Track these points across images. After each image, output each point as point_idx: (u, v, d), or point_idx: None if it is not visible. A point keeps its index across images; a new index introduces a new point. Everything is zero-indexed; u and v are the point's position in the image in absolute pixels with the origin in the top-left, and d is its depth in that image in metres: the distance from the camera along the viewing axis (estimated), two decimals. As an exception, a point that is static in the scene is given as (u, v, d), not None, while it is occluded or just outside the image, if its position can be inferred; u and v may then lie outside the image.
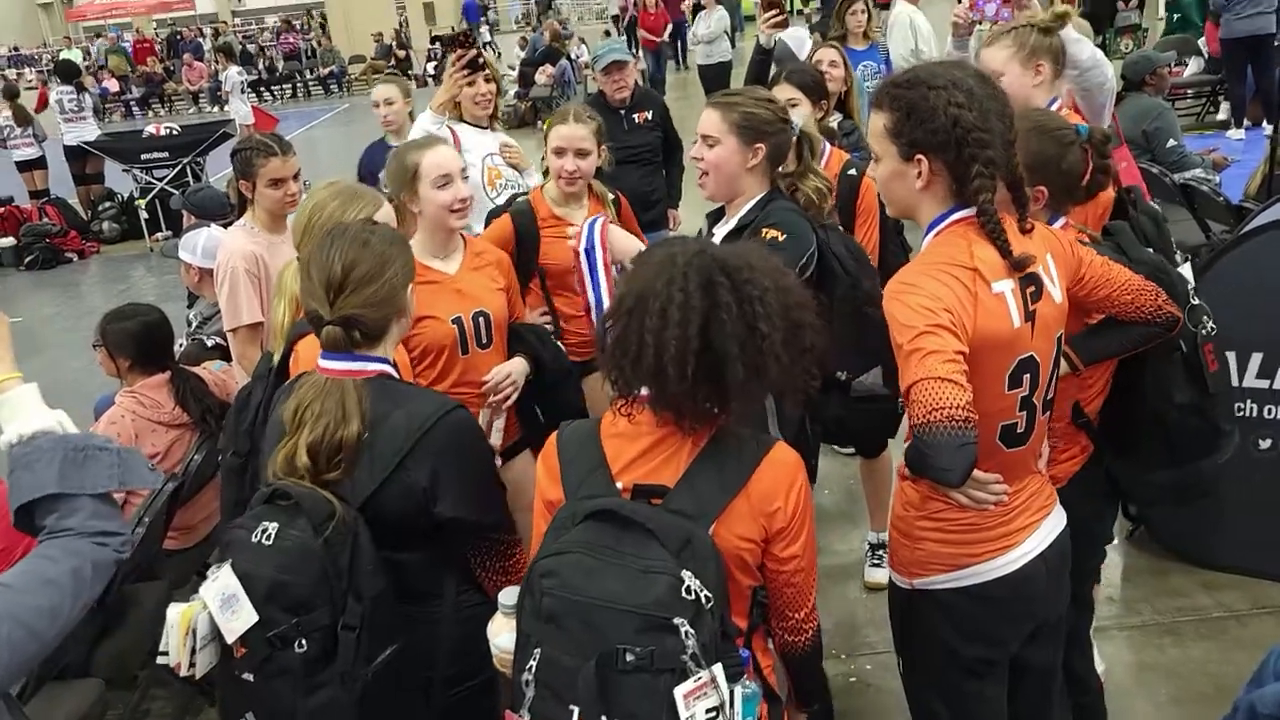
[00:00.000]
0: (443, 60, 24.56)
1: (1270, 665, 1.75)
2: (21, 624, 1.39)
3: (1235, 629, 3.38)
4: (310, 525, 1.81)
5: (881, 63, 6.12)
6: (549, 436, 1.81)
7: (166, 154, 10.90)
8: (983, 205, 1.82)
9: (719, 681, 1.52)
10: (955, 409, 1.64)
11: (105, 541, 1.50)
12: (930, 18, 6.81)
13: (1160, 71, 5.89)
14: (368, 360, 1.97)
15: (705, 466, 1.66)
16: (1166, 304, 2.17)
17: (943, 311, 1.75)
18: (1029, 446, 1.98)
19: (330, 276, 1.91)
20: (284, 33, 28.14)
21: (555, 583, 1.57)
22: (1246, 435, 3.45)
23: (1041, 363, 1.91)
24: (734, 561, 1.65)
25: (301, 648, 1.80)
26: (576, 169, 3.21)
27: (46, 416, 1.55)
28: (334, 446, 1.88)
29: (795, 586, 1.75)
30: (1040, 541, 2.00)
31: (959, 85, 1.81)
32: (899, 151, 1.87)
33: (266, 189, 3.45)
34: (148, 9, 32.16)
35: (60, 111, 11.84)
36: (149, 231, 10.76)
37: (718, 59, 12.06)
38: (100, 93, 21.28)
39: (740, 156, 2.54)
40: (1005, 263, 1.83)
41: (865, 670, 3.33)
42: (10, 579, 1.44)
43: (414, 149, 2.81)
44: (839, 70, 4.22)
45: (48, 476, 1.48)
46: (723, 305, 1.59)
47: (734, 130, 2.52)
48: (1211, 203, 5.08)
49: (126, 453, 1.58)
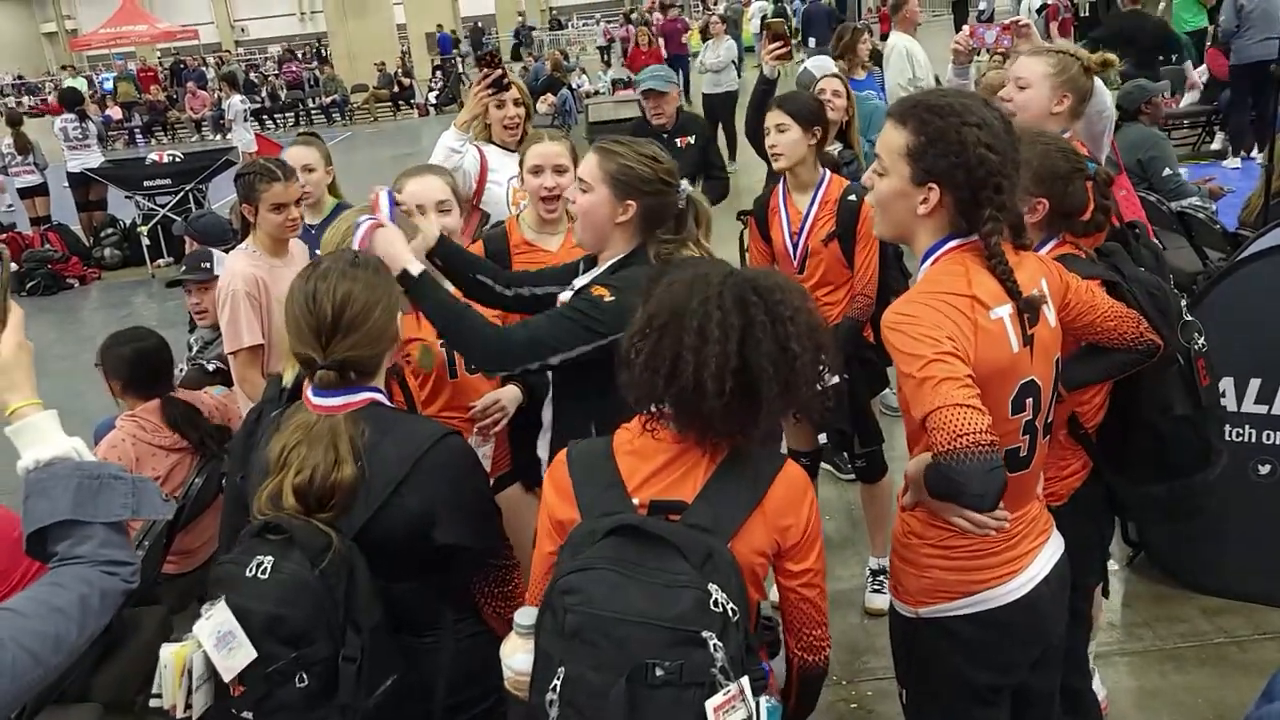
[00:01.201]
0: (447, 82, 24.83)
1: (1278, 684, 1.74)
2: (26, 650, 1.39)
3: (1236, 655, 3.37)
4: (306, 558, 1.78)
5: (879, 92, 6.19)
6: (557, 455, 1.81)
7: (169, 181, 10.93)
8: (993, 247, 1.82)
9: (747, 694, 1.52)
10: (980, 433, 1.64)
11: (115, 571, 1.50)
12: (930, 45, 6.88)
13: (1155, 101, 5.93)
14: (361, 391, 1.95)
15: (722, 482, 1.68)
16: (1147, 331, 2.18)
17: (945, 339, 1.75)
18: (1031, 471, 1.98)
19: (320, 320, 1.89)
20: (286, 62, 28.34)
21: (579, 599, 1.56)
22: (1246, 460, 3.46)
23: (1043, 386, 1.92)
24: (748, 576, 1.66)
25: (302, 682, 1.77)
26: (556, 185, 3.13)
27: (63, 443, 1.55)
28: (325, 490, 1.85)
29: (810, 602, 1.77)
30: (1043, 566, 2.00)
31: (988, 126, 1.79)
32: (912, 174, 1.84)
33: (269, 213, 3.47)
34: (152, 38, 32.22)
35: (64, 139, 11.90)
36: (151, 258, 10.79)
37: (725, 88, 12.15)
38: (104, 120, 21.40)
39: (609, 209, 2.33)
40: (1004, 289, 1.84)
41: (866, 696, 3.31)
42: (17, 604, 1.44)
43: (401, 177, 2.81)
44: (841, 100, 4.26)
45: (63, 503, 1.48)
46: (758, 324, 1.63)
47: (607, 180, 2.32)
48: (1208, 230, 5.11)
49: (140, 482, 1.58)
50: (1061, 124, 2.88)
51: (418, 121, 23.90)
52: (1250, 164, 9.15)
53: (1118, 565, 3.74)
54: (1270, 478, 3.49)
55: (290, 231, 3.55)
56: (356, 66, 25.28)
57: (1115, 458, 2.44)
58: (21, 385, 1.56)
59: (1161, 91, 6.12)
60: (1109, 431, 2.42)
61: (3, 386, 1.55)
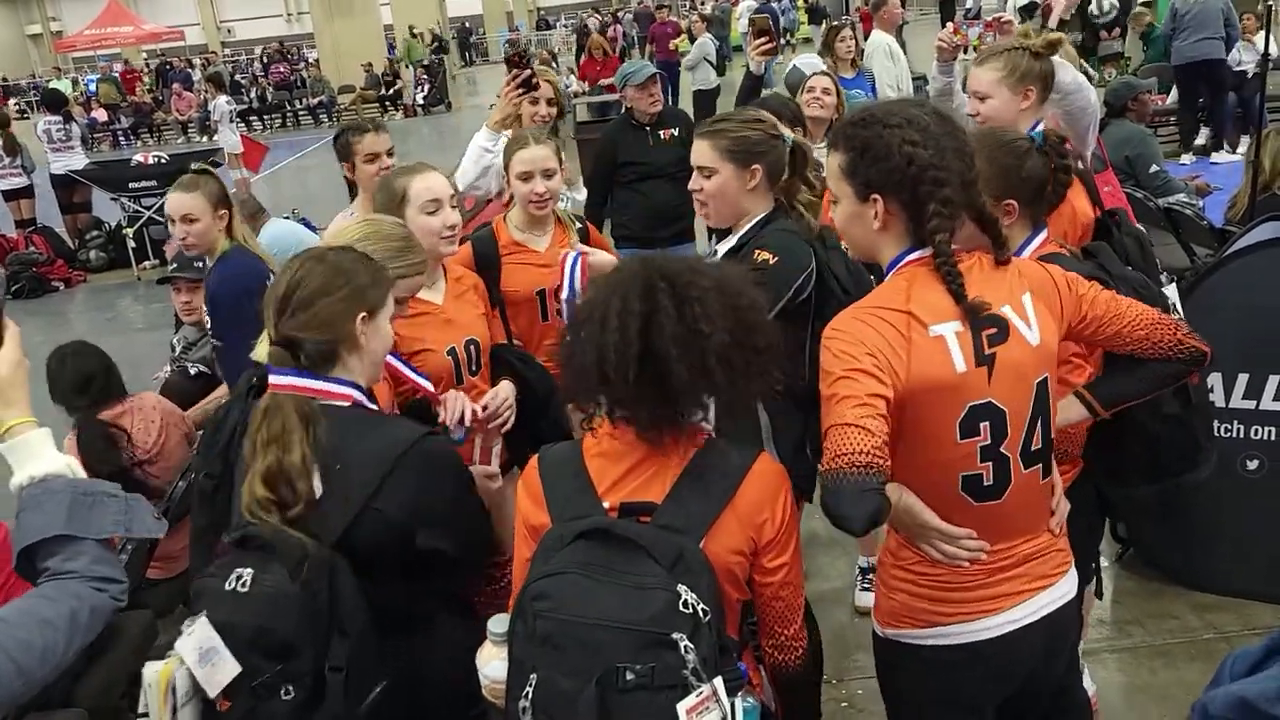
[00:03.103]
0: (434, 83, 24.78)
1: (1227, 668, 1.73)
2: (11, 659, 1.38)
3: (1226, 651, 3.33)
4: (284, 569, 1.75)
5: (869, 90, 6.19)
6: (530, 460, 1.80)
7: (154, 183, 10.85)
8: (939, 246, 1.76)
9: (720, 695, 1.51)
10: (856, 454, 1.58)
11: (105, 588, 1.50)
12: (917, 44, 6.90)
13: (1142, 98, 5.97)
14: (327, 381, 1.90)
15: (692, 481, 1.66)
16: (1188, 337, 1.98)
17: (865, 356, 1.70)
18: (1009, 502, 1.84)
19: (278, 297, 1.89)
20: (275, 62, 28.22)
21: (549, 605, 1.56)
22: (1234, 456, 3.46)
23: (1009, 410, 1.79)
24: (724, 575, 1.64)
25: (288, 694, 1.74)
26: (546, 190, 3.14)
27: (57, 460, 1.55)
28: (284, 476, 1.81)
29: (784, 600, 1.74)
30: (1030, 612, 1.89)
31: (914, 123, 1.76)
32: (855, 192, 1.82)
33: (364, 165, 3.66)
34: (137, 40, 32.11)
35: (48, 141, 11.82)
36: (136, 260, 10.74)
37: (697, 86, 12.21)
38: (89, 123, 21.28)
39: (738, 181, 2.53)
40: (953, 304, 1.76)
41: (856, 695, 3.30)
42: (6, 613, 1.44)
43: (404, 173, 2.78)
44: (831, 97, 4.26)
45: (56, 518, 1.48)
46: (661, 309, 1.61)
47: (726, 156, 2.51)
48: (1195, 227, 5.12)
49: (133, 500, 1.59)
50: (1035, 115, 2.87)
51: (405, 122, 23.84)
52: (1203, 161, 9.53)
53: (1107, 562, 3.74)
54: (1258, 473, 3.49)
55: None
56: (343, 67, 25.21)
57: (1106, 460, 2.40)
58: (17, 402, 1.57)
59: (1149, 88, 6.15)
60: (1100, 434, 2.37)
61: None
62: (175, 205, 3.45)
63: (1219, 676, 1.54)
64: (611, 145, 5.09)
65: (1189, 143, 10.04)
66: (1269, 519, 3.48)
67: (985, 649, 1.87)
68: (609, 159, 5.10)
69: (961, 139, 1.80)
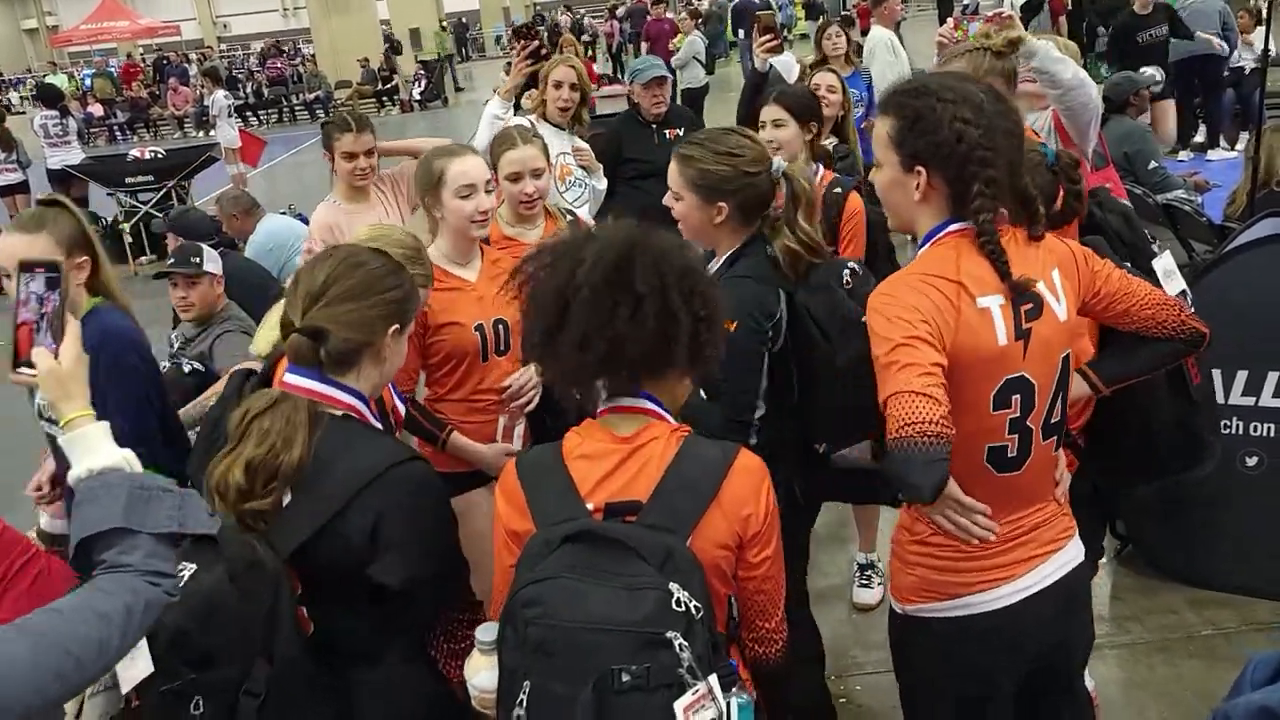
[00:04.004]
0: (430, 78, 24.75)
1: (1248, 675, 1.73)
2: (70, 655, 1.37)
3: (1224, 647, 3.37)
4: (226, 573, 1.66)
5: (865, 89, 6.18)
6: (506, 466, 1.77)
7: (151, 177, 10.86)
8: (982, 224, 1.77)
9: (715, 692, 1.50)
10: (928, 424, 1.61)
11: (159, 582, 1.49)
12: (915, 39, 6.90)
13: (1143, 94, 5.95)
14: (337, 388, 1.83)
15: (676, 478, 1.64)
16: (1190, 319, 2.04)
17: (920, 323, 1.72)
18: (1028, 473, 1.89)
19: (312, 287, 1.82)
20: (270, 58, 28.16)
21: (540, 611, 1.53)
22: (1233, 453, 3.46)
23: (1038, 384, 1.84)
24: (711, 571, 1.64)
25: (197, 710, 1.64)
26: (536, 190, 3.15)
27: (115, 454, 1.56)
28: (271, 471, 1.73)
29: (766, 594, 1.74)
30: (1043, 577, 1.92)
31: (968, 100, 1.76)
32: (900, 160, 1.83)
33: (341, 161, 3.82)
34: (133, 34, 32.05)
35: (44, 135, 11.78)
36: (133, 255, 10.69)
37: (685, 84, 12.04)
38: (85, 117, 21.25)
39: (702, 214, 2.36)
40: (997, 278, 1.79)
41: (855, 691, 3.30)
42: (63, 605, 1.43)
43: (443, 155, 2.79)
44: (836, 95, 4.25)
45: (114, 511, 1.49)
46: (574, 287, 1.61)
47: (691, 187, 2.36)
48: (1194, 223, 5.12)
49: (188, 495, 1.58)
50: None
51: (402, 118, 23.80)
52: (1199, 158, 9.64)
53: (1106, 558, 3.73)
54: (1257, 469, 3.49)
55: (360, 180, 3.84)
56: (340, 63, 25.17)
57: (1103, 459, 2.39)
58: (77, 396, 1.59)
59: (1148, 84, 6.13)
60: (1097, 431, 2.37)
61: (59, 396, 1.58)
62: (8, 249, 2.48)
63: (1239, 684, 1.53)
64: (616, 141, 5.07)
65: (1187, 139, 10.04)
66: (1268, 516, 3.48)
67: (1001, 617, 1.90)
68: (613, 154, 5.09)
69: (1015, 120, 1.81)
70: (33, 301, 1.61)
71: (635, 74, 5.24)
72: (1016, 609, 1.90)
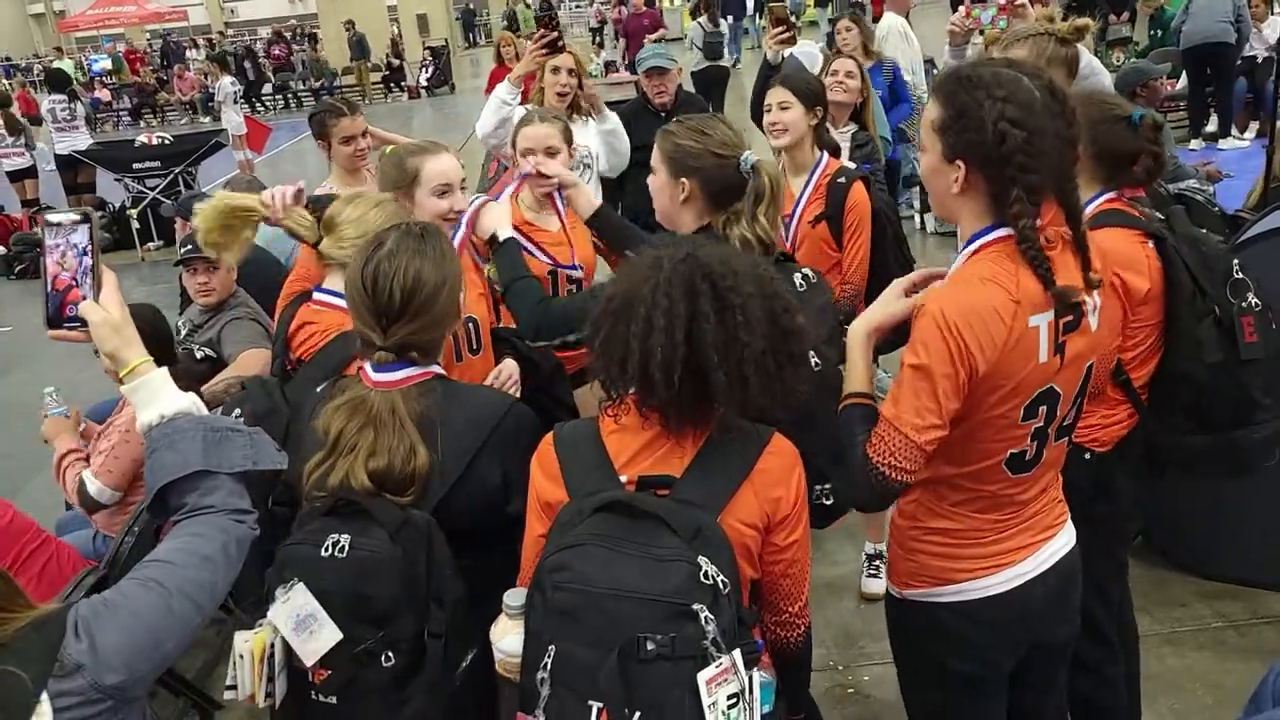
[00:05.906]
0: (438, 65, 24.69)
1: (1270, 684, 1.71)
2: (190, 599, 1.41)
3: (1234, 639, 3.36)
4: (386, 534, 1.74)
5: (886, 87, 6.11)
6: (544, 437, 1.79)
7: (158, 163, 10.85)
8: (1022, 231, 1.71)
9: (739, 667, 1.51)
10: (905, 473, 1.74)
11: (243, 519, 1.53)
12: (926, 27, 6.87)
13: (1153, 84, 5.90)
14: (425, 366, 1.92)
15: (710, 456, 1.66)
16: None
17: (961, 364, 1.69)
18: (1037, 471, 1.90)
19: (386, 303, 1.85)
20: (275, 44, 28.11)
21: (568, 576, 1.55)
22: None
23: (1063, 394, 1.83)
24: (739, 550, 1.64)
25: (388, 662, 1.74)
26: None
27: (183, 399, 1.57)
28: (405, 478, 1.81)
29: (792, 577, 1.75)
30: (1039, 563, 1.94)
31: (1019, 98, 1.67)
32: (942, 150, 1.77)
33: (340, 146, 3.89)
34: (140, 19, 32.04)
35: (52, 120, 11.80)
36: (140, 241, 10.69)
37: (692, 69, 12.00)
38: (92, 103, 21.22)
39: (670, 189, 2.36)
40: (1045, 293, 1.73)
41: (863, 681, 3.30)
42: (169, 555, 1.45)
43: (417, 152, 2.73)
44: (855, 81, 4.22)
45: (193, 454, 1.50)
46: (702, 314, 1.60)
47: (664, 160, 2.37)
48: (1206, 213, 5.09)
49: (256, 434, 1.61)
50: None
51: (409, 104, 23.76)
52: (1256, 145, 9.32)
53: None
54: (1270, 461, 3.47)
55: (359, 161, 3.94)
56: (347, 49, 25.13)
57: (1159, 406, 2.42)
58: (133, 341, 1.59)
59: (1160, 74, 6.09)
60: (1156, 382, 2.42)
61: (119, 345, 1.57)
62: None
63: (1259, 697, 1.52)
64: (625, 127, 5.06)
65: (1198, 128, 9.98)
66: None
67: (999, 602, 1.91)
68: None
69: (1069, 122, 1.72)
70: (69, 257, 1.58)
71: (639, 62, 5.28)
72: (1015, 594, 1.91)
